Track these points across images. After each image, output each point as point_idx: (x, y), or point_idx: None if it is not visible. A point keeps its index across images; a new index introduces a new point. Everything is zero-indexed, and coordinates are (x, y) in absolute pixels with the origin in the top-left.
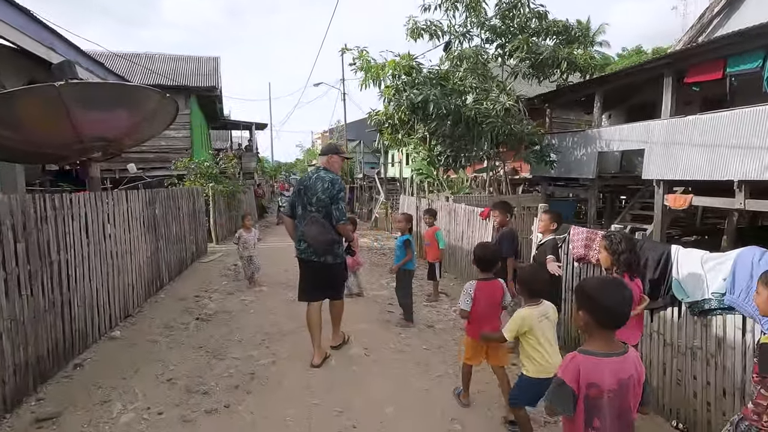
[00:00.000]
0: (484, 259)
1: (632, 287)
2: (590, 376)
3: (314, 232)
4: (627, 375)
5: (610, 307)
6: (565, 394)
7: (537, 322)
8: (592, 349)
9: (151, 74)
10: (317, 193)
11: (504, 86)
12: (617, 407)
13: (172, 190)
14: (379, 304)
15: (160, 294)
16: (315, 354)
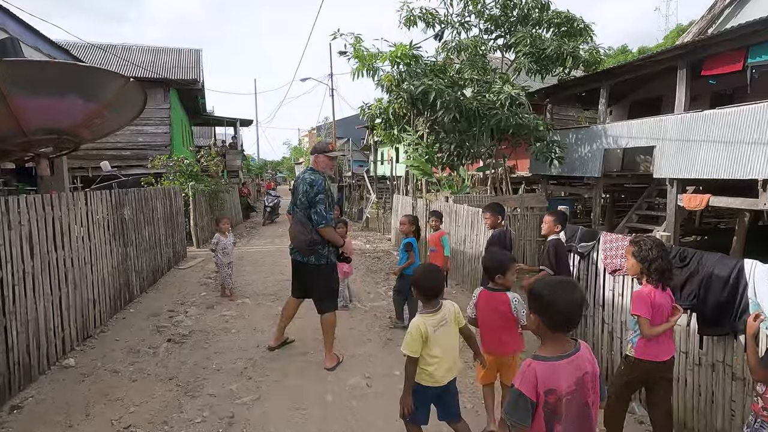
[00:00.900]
0: (485, 268)
1: (665, 298)
2: (547, 383)
3: (295, 232)
4: (582, 372)
5: (563, 309)
6: (524, 405)
7: (432, 333)
8: (547, 354)
9: (127, 65)
10: (299, 194)
11: (507, 77)
12: (576, 406)
13: (144, 191)
14: (378, 319)
15: (129, 308)
16: (273, 338)
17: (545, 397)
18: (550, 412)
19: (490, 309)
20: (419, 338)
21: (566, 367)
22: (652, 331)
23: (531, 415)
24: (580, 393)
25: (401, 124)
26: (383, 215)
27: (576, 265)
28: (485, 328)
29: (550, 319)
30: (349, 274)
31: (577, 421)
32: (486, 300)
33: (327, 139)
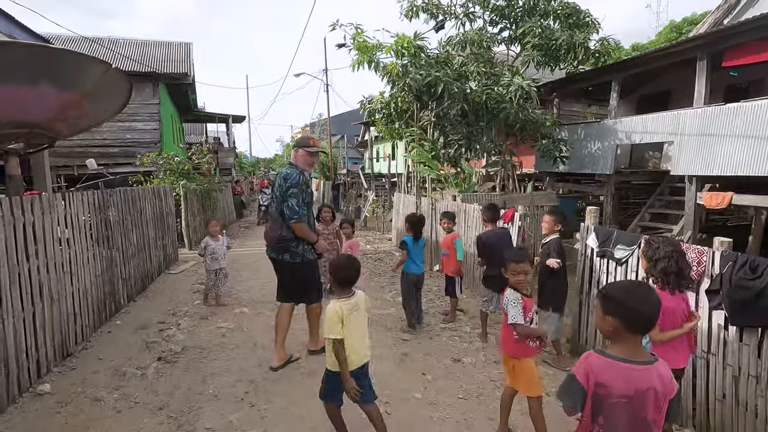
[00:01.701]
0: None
1: (677, 302)
2: (599, 376)
3: (267, 227)
4: (646, 386)
5: (641, 312)
6: (574, 389)
7: (347, 315)
8: (611, 353)
9: (114, 57)
10: (276, 188)
11: (517, 70)
12: (631, 415)
13: (131, 190)
14: (390, 331)
15: (115, 320)
16: (275, 356)
17: (595, 388)
18: (597, 403)
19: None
20: (338, 320)
21: (627, 371)
22: (662, 337)
23: (582, 401)
24: (637, 404)
25: (404, 118)
26: (383, 214)
27: (610, 272)
28: None
29: (628, 322)
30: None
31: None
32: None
33: (319, 135)
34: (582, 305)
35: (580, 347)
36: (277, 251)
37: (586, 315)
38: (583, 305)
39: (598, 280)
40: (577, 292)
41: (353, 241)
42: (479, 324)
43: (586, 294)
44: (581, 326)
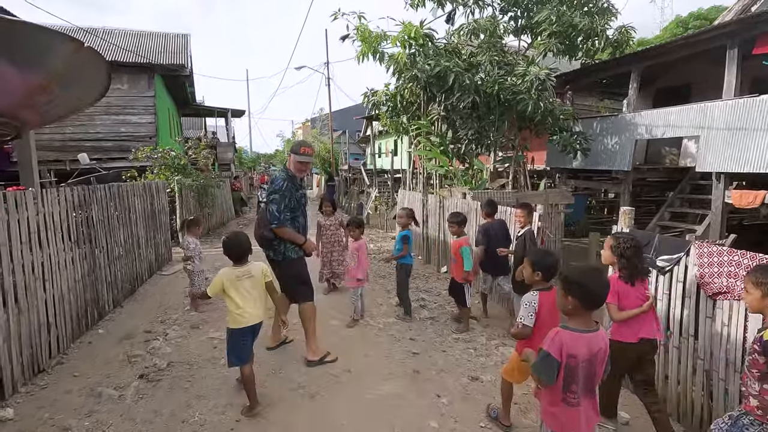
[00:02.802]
0: (549, 267)
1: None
2: (571, 349)
3: (255, 225)
4: (597, 348)
5: (595, 292)
6: (551, 364)
7: (235, 280)
8: (573, 326)
9: (108, 46)
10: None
11: (532, 59)
12: (587, 373)
13: (119, 186)
14: (398, 342)
15: (97, 328)
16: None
17: (567, 360)
18: (569, 374)
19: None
20: (219, 284)
21: (586, 340)
22: (620, 315)
23: (556, 373)
24: (592, 363)
25: (411, 111)
26: (386, 212)
27: (651, 282)
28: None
29: (585, 301)
30: (364, 284)
31: (584, 385)
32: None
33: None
34: None
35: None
36: (262, 246)
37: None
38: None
39: None
40: None
41: (360, 243)
42: (496, 334)
43: None
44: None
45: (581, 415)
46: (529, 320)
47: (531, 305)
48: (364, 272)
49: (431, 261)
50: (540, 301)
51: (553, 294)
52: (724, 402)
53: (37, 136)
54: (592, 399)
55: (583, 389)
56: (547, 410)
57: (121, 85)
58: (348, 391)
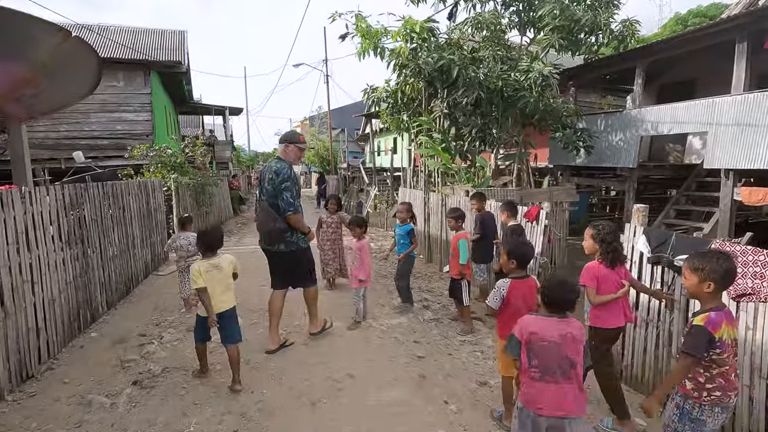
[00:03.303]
0: (524, 256)
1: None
2: (530, 327)
3: (260, 221)
4: (566, 332)
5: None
6: (514, 343)
7: (205, 272)
8: (540, 313)
9: (103, 42)
10: (265, 182)
11: (536, 54)
12: (556, 353)
13: (113, 185)
14: (403, 345)
15: (90, 332)
16: (270, 340)
17: (528, 336)
18: (530, 350)
19: (524, 297)
20: (198, 275)
21: (554, 323)
22: (599, 299)
23: (519, 350)
24: (561, 345)
25: (412, 107)
26: (386, 210)
27: (668, 283)
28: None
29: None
30: (366, 285)
31: (556, 365)
32: (519, 289)
33: (318, 128)
34: (628, 328)
35: (633, 379)
36: (271, 243)
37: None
38: (630, 328)
39: None
40: None
41: (363, 243)
42: None
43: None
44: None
45: (546, 391)
46: (493, 303)
47: (499, 290)
48: (366, 273)
49: (433, 260)
50: (511, 288)
51: (528, 283)
52: (749, 411)
53: (32, 134)
54: (569, 382)
55: (558, 370)
56: (521, 387)
57: (116, 82)
58: (351, 398)
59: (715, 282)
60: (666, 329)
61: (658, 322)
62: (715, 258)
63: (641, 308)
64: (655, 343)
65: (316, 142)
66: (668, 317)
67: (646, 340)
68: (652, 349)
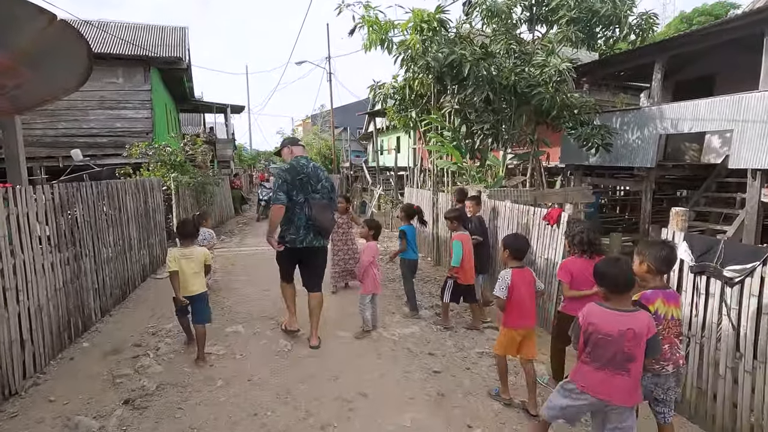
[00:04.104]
0: (519, 249)
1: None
2: (590, 318)
3: (325, 217)
4: (626, 327)
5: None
6: (576, 327)
7: (180, 258)
8: (603, 303)
9: (102, 40)
10: (322, 181)
11: (552, 48)
12: (612, 348)
13: (108, 184)
14: (417, 357)
15: (82, 341)
16: (291, 320)
17: (587, 326)
18: (588, 337)
19: (526, 284)
20: (172, 260)
21: (614, 317)
22: (571, 293)
23: (578, 334)
24: (619, 341)
25: (421, 104)
26: (391, 210)
27: (714, 294)
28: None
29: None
30: (378, 291)
31: (612, 359)
32: (520, 277)
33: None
34: None
35: None
36: (327, 236)
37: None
38: None
39: (694, 305)
40: None
41: (371, 245)
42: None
43: None
44: None
45: (595, 376)
46: (500, 292)
47: (504, 280)
48: (363, 276)
49: (442, 263)
50: (513, 277)
51: (526, 272)
52: None
53: (28, 132)
54: (621, 374)
55: (610, 363)
56: (576, 364)
57: (116, 79)
58: (364, 421)
59: (651, 264)
60: (711, 346)
61: (702, 337)
62: (658, 246)
63: (682, 321)
64: (698, 361)
65: (318, 141)
66: (715, 332)
67: (687, 357)
68: (694, 367)
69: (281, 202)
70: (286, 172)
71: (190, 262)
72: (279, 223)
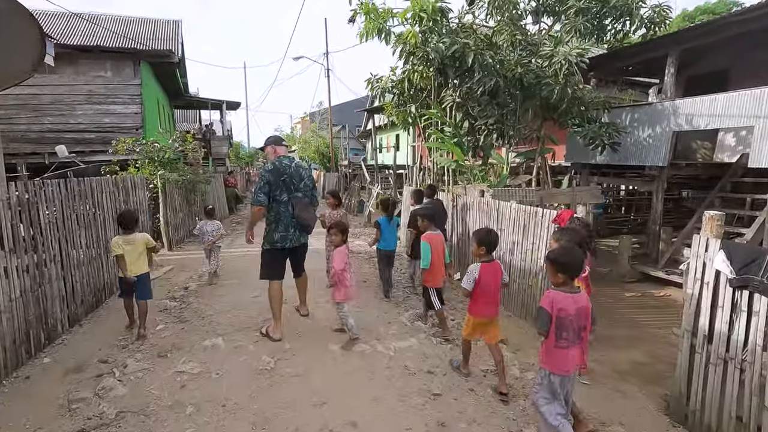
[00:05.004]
0: (490, 243)
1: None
2: (558, 304)
3: (308, 215)
4: (580, 305)
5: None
6: (545, 316)
7: (124, 243)
8: (561, 288)
9: (89, 33)
10: (305, 180)
11: (560, 38)
12: (575, 326)
13: (80, 182)
14: (415, 377)
15: (43, 356)
16: (277, 327)
17: (558, 313)
18: (559, 324)
19: (492, 277)
20: (117, 246)
21: (571, 298)
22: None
23: (549, 324)
24: (578, 318)
25: (421, 98)
26: None
27: (759, 312)
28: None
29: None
30: (351, 299)
31: (575, 335)
32: (488, 270)
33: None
34: (696, 365)
35: (705, 428)
36: (308, 233)
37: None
38: (700, 366)
39: (731, 323)
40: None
41: (340, 250)
42: (530, 363)
43: (702, 344)
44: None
45: (569, 355)
46: (467, 284)
47: (472, 273)
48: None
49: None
50: (481, 271)
51: (495, 266)
52: None
53: (11, 127)
54: (580, 345)
55: (576, 338)
56: (543, 355)
57: (104, 72)
58: None
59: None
60: (755, 371)
61: (742, 361)
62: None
63: (718, 341)
64: (738, 387)
65: (316, 139)
66: (760, 356)
67: (724, 382)
68: (733, 392)
69: (261, 204)
70: (269, 173)
71: (133, 247)
72: (257, 222)
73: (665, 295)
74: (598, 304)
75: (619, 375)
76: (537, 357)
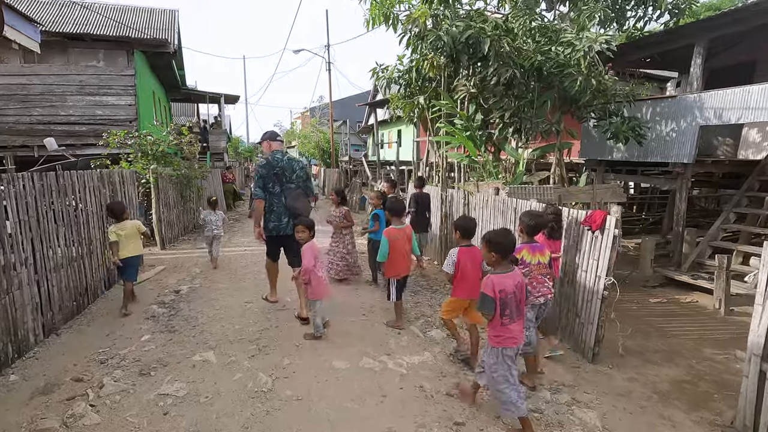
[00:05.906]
0: (467, 229)
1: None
2: (499, 286)
3: (301, 204)
4: (517, 281)
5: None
6: (489, 301)
7: (119, 232)
8: (498, 271)
9: (79, 20)
10: (298, 172)
11: (584, 24)
12: (516, 301)
13: (59, 177)
14: (433, 400)
15: (11, 372)
16: (272, 294)
17: (499, 294)
18: (503, 304)
19: (471, 261)
20: (112, 233)
21: (508, 277)
22: None
23: (494, 307)
24: (516, 294)
25: (430, 89)
26: None
27: None
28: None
29: (504, 254)
30: (327, 293)
31: (516, 311)
32: (467, 254)
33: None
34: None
35: None
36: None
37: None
38: None
39: None
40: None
41: (311, 244)
42: (564, 384)
43: None
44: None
45: (514, 329)
46: (448, 268)
47: (451, 257)
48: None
49: None
50: (460, 254)
51: (473, 250)
52: None
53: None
54: (520, 319)
55: (517, 312)
56: (492, 335)
57: (96, 62)
58: None
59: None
60: None
61: None
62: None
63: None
64: None
65: (317, 134)
66: None
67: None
68: None
69: (259, 197)
70: (263, 167)
71: (126, 232)
72: (261, 215)
73: (692, 301)
74: (623, 311)
75: (660, 397)
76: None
